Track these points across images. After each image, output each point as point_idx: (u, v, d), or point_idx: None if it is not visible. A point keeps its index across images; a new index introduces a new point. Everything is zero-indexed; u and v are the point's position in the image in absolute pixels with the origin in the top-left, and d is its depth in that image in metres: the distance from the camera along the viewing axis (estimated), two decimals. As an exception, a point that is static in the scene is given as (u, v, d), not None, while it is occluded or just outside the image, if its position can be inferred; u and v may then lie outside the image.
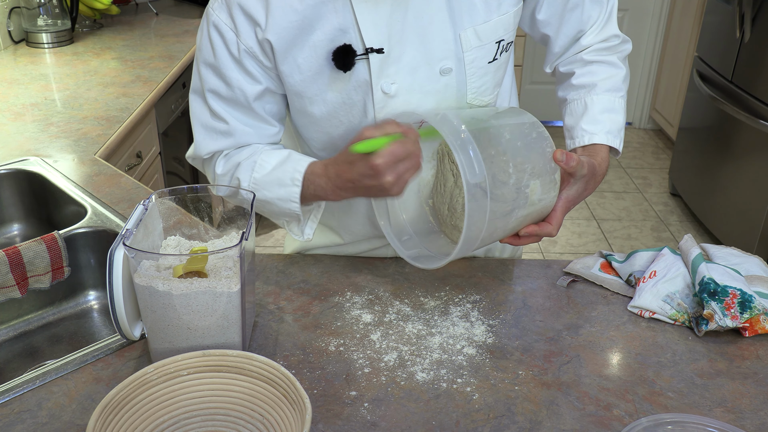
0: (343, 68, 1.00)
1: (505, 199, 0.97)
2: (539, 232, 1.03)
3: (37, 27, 2.53)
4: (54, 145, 1.70)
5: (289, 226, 1.14)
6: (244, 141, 1.10)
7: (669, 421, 0.84)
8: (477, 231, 0.95)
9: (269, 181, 1.06)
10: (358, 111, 1.05)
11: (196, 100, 1.11)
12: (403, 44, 1.01)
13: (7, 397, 0.92)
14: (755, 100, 2.82)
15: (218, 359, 0.84)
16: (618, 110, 1.15)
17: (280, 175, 1.05)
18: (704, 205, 3.30)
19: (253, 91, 1.06)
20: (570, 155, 1.00)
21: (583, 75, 1.16)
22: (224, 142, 1.10)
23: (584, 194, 1.08)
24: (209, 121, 1.10)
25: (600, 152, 1.11)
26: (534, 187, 0.99)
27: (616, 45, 1.17)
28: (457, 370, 0.97)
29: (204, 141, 1.11)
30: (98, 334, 1.31)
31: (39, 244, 1.22)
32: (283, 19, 0.99)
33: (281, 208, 1.08)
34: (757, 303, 1.02)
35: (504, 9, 1.04)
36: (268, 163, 1.07)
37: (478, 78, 1.07)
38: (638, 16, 4.27)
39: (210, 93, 1.07)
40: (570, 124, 1.16)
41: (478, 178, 0.92)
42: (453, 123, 0.95)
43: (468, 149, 0.92)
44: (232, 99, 1.07)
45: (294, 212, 1.07)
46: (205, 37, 1.05)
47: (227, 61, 1.04)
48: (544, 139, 1.03)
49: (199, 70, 1.08)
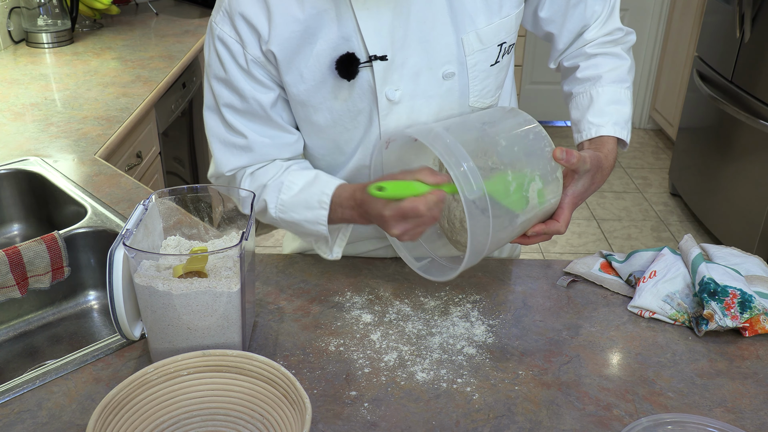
0: (347, 77, 0.99)
1: (508, 208, 0.96)
2: (547, 231, 1.02)
3: (37, 27, 2.53)
4: (54, 145, 1.70)
5: (317, 244, 1.13)
6: (264, 154, 1.08)
7: (669, 421, 0.84)
8: (481, 245, 0.94)
9: (296, 202, 1.05)
10: (363, 118, 1.05)
11: (212, 117, 1.09)
12: (405, 50, 1.01)
13: (7, 397, 0.92)
14: (755, 100, 2.82)
15: (218, 359, 0.84)
16: (624, 101, 1.13)
17: (308, 198, 1.04)
18: (704, 205, 3.30)
19: (267, 100, 1.05)
20: (570, 152, 0.99)
21: (588, 68, 1.15)
22: (244, 158, 1.08)
23: (592, 188, 1.06)
24: (227, 136, 1.08)
25: (606, 144, 1.10)
26: (536, 189, 0.98)
27: (620, 37, 1.16)
28: (457, 370, 0.97)
29: (224, 157, 1.09)
30: (98, 334, 1.31)
31: (39, 244, 1.22)
32: (286, 29, 0.99)
33: (309, 230, 1.07)
34: (757, 303, 1.02)
35: (506, 11, 1.04)
36: (296, 184, 1.06)
37: (480, 81, 1.07)
38: (638, 16, 4.27)
39: (225, 107, 1.06)
40: (576, 117, 1.15)
41: (476, 194, 0.91)
42: (445, 140, 0.93)
43: (462, 165, 0.91)
44: (249, 111, 1.06)
45: (322, 234, 1.06)
46: (212, 51, 1.04)
47: (237, 73, 1.03)
48: (542, 139, 1.02)
49: (212, 86, 1.06)
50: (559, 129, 4.58)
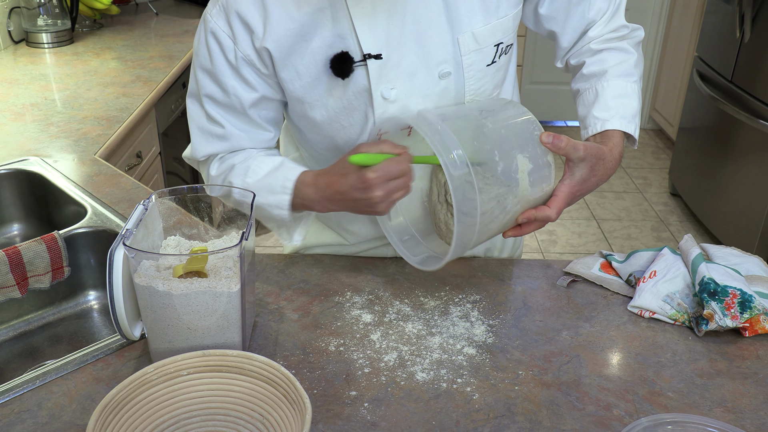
0: (340, 75, 1.00)
1: (495, 188, 0.96)
2: (537, 216, 1.00)
3: (37, 27, 2.53)
4: (54, 145, 1.70)
5: (279, 231, 1.15)
6: (239, 145, 1.11)
7: (669, 421, 0.84)
8: (469, 231, 0.95)
9: (261, 187, 1.07)
10: (359, 116, 1.05)
11: (193, 103, 1.12)
12: (401, 49, 1.01)
13: (7, 397, 0.92)
14: (755, 100, 2.82)
15: (218, 359, 0.84)
16: (631, 95, 1.11)
17: (272, 182, 1.06)
18: (704, 205, 3.30)
19: (248, 99, 1.06)
20: (558, 136, 0.98)
21: (593, 63, 1.13)
22: (220, 146, 1.11)
23: (592, 180, 1.03)
24: (205, 124, 1.10)
25: (612, 138, 1.07)
26: (524, 169, 0.98)
27: (626, 33, 1.14)
28: (457, 370, 0.97)
29: (200, 144, 1.12)
30: (98, 334, 1.31)
31: (39, 244, 1.22)
32: (281, 27, 0.99)
33: (271, 214, 1.09)
34: (757, 303, 1.02)
35: (503, 12, 1.04)
36: (261, 169, 1.08)
37: (476, 81, 1.07)
38: (638, 16, 4.27)
39: (206, 98, 1.08)
40: (583, 113, 1.13)
41: (460, 170, 0.91)
42: (431, 120, 0.95)
43: (449, 147, 0.92)
44: (228, 105, 1.07)
45: (283, 219, 1.08)
46: (202, 42, 1.06)
47: (224, 68, 1.04)
48: (531, 123, 1.02)
49: (196, 75, 1.08)
50: (559, 129, 4.58)
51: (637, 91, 1.12)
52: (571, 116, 4.61)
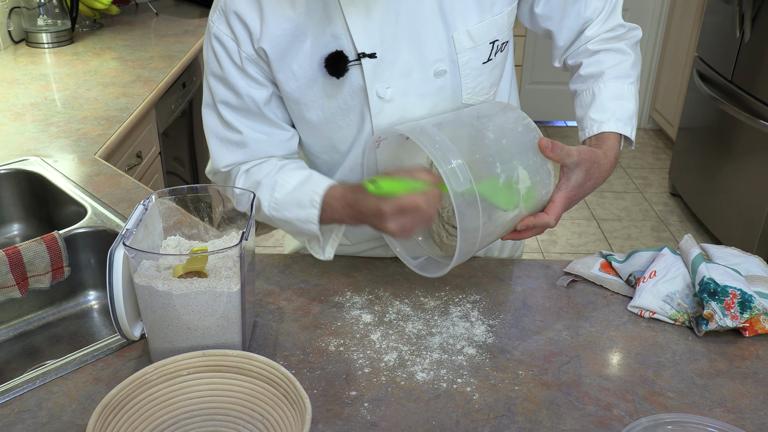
0: (335, 74, 1.00)
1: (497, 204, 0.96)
2: (536, 223, 1.00)
3: (37, 27, 2.53)
4: (54, 145, 1.70)
5: (310, 244, 1.13)
6: (259, 150, 1.10)
7: (669, 421, 0.84)
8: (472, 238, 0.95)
9: (289, 201, 1.06)
10: (355, 116, 1.06)
11: (209, 113, 1.11)
12: (396, 48, 1.01)
13: (7, 397, 0.92)
14: (755, 100, 2.82)
15: (218, 359, 0.84)
16: (627, 97, 1.11)
17: (300, 196, 1.05)
18: (704, 205, 3.30)
19: (261, 97, 1.06)
20: (555, 143, 0.99)
21: (590, 64, 1.13)
22: (240, 154, 1.10)
23: (588, 184, 1.04)
24: (223, 132, 1.10)
25: (607, 140, 1.08)
26: (524, 179, 0.98)
27: (623, 33, 1.15)
28: (457, 370, 0.97)
29: (220, 153, 1.11)
30: (98, 334, 1.31)
31: (39, 244, 1.22)
32: (277, 27, 1.00)
33: (301, 229, 1.07)
34: (757, 303, 1.02)
35: (497, 9, 1.04)
36: (289, 183, 1.07)
37: (472, 79, 1.07)
38: (638, 16, 4.27)
39: (221, 104, 1.08)
40: (580, 115, 1.13)
41: (464, 186, 0.91)
42: (434, 137, 0.94)
43: (449, 159, 0.91)
44: (243, 108, 1.07)
45: (313, 233, 1.07)
46: (209, 50, 1.06)
47: (232, 70, 1.04)
48: (531, 131, 1.02)
49: (209, 83, 1.08)
50: (559, 129, 4.58)
51: (634, 92, 1.13)
52: (570, 116, 4.60)
